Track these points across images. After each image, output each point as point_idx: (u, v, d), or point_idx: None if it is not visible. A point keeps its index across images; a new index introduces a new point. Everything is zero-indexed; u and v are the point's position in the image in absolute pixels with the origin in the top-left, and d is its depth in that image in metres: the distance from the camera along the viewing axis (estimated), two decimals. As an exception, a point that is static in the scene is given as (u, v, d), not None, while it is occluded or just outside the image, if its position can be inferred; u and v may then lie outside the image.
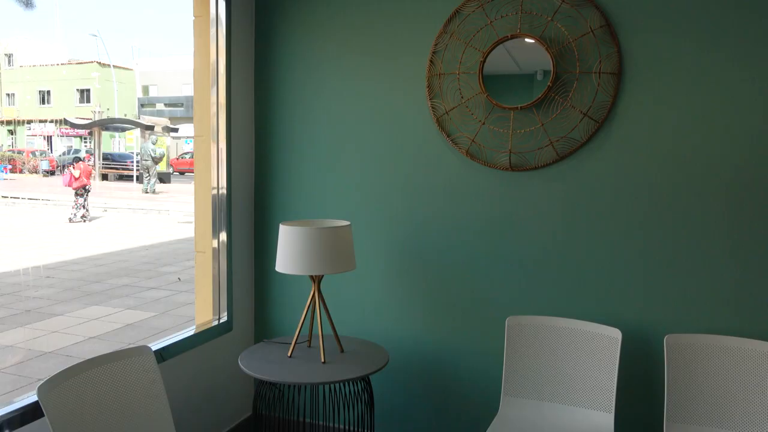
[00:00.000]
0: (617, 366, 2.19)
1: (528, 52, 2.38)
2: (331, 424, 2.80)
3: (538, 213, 2.44)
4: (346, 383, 2.51)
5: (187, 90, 27.88)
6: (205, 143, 2.67)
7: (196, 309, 2.76)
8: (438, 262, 2.59)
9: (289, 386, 2.62)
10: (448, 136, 2.52)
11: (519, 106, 2.39)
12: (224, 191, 2.68)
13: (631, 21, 2.26)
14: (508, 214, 2.48)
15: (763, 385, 2.04)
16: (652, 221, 2.29)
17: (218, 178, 2.67)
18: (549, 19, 2.34)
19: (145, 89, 31.04)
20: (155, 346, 2.31)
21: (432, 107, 2.53)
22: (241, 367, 2.25)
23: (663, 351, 2.22)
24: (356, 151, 2.69)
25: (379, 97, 2.63)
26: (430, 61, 2.52)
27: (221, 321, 2.71)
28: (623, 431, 2.37)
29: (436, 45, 2.50)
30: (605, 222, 2.35)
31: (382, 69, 2.62)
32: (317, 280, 2.35)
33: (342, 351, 2.41)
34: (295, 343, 2.37)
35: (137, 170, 19.88)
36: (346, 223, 2.35)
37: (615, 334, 2.22)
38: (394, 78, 2.60)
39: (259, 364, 2.25)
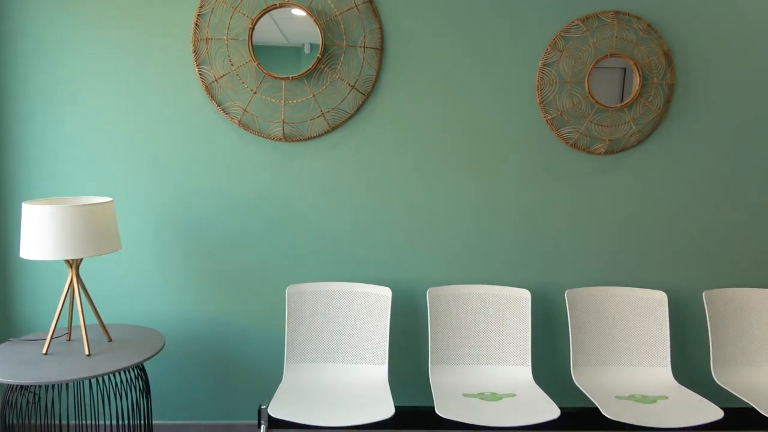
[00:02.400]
0: (389, 321, 2.37)
1: (297, 25, 2.39)
2: (102, 421, 2.56)
3: (313, 183, 2.49)
4: (117, 374, 2.30)
5: None
6: None
7: None
8: (214, 236, 2.50)
9: (47, 387, 2.32)
10: (218, 105, 2.42)
11: (291, 76, 2.39)
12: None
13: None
14: (284, 185, 2.49)
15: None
16: (420, 184, 2.51)
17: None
18: (316, -10, 2.38)
19: None
20: None
21: (200, 74, 2.40)
22: (-19, 373, 1.92)
23: (426, 302, 2.47)
24: (116, 122, 2.43)
25: (140, 59, 2.41)
26: (196, 24, 2.37)
27: (-51, 323, 2.27)
28: (393, 378, 2.60)
29: (201, 7, 2.37)
30: (377, 188, 2.50)
31: (141, 29, 2.39)
32: (74, 264, 2.09)
33: (110, 340, 2.20)
34: (51, 338, 2.09)
35: None
36: (107, 199, 2.12)
37: (386, 293, 2.40)
38: (155, 40, 2.39)
39: (6, 367, 1.95)
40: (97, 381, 2.21)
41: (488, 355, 2.40)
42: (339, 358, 2.40)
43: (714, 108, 2.52)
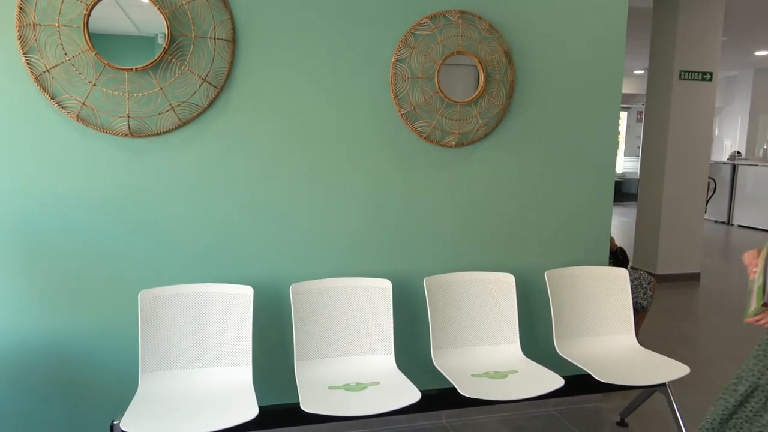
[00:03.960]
0: (251, 320, 2.32)
1: (145, 13, 2.25)
2: None
3: (166, 181, 2.37)
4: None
5: None
6: None
7: None
8: (55, 243, 2.28)
9: None
10: (52, 98, 2.21)
11: (134, 67, 2.24)
12: None
13: (241, -10, 2.35)
14: (133, 184, 2.33)
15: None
16: (279, 180, 2.47)
17: None
18: (159, -23, 2.25)
19: None
20: None
21: (28, 63, 2.17)
22: None
23: (289, 299, 2.45)
24: None
25: (-50, 47, 2.12)
26: (20, 8, 2.14)
27: None
28: (262, 379, 2.56)
29: (25, -10, 2.14)
30: (233, 185, 2.43)
31: (-48, 12, 2.11)
32: None
33: (-75, 365, 1.93)
34: None
35: None
36: None
37: (247, 291, 2.34)
38: (-29, 25, 2.13)
39: None
40: None
41: (353, 346, 2.44)
42: (199, 363, 2.30)
43: (550, 103, 2.75)
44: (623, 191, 11.40)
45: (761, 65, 10.57)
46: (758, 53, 9.18)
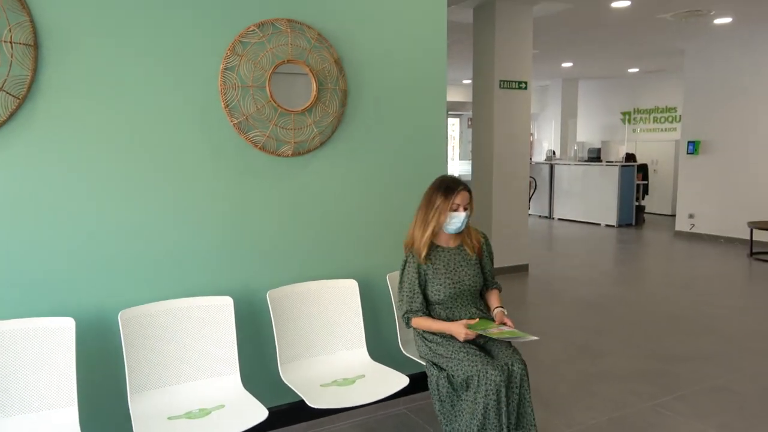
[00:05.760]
0: (74, 356, 2.08)
1: None
2: None
3: (-45, 205, 2.04)
4: None
5: None
6: None
7: None
8: None
9: None
10: None
11: None
12: None
13: (40, -10, 2.11)
14: None
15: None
16: (103, 194, 2.25)
17: None
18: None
19: None
20: None
21: None
22: None
23: (119, 328, 2.24)
24: None
25: None
26: None
27: None
28: (92, 418, 2.31)
29: None
30: (43, 201, 2.17)
31: None
32: None
33: None
34: None
35: None
36: None
37: (68, 324, 2.10)
38: None
39: None
40: None
41: (194, 370, 2.29)
42: (9, 410, 2.01)
43: (382, 111, 2.84)
44: (460, 192, 12.25)
45: (567, 75, 11.93)
46: (564, 65, 10.35)
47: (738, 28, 7.10)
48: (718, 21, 6.70)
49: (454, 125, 14.24)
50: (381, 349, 2.90)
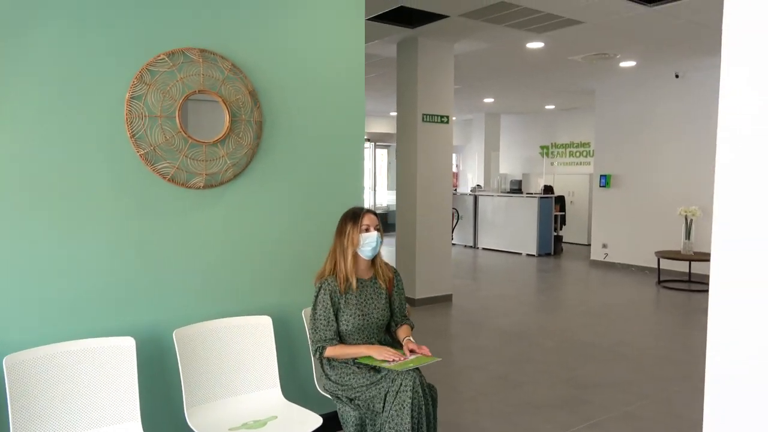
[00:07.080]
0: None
1: None
2: None
3: None
4: None
5: None
6: None
7: None
8: None
9: None
10: None
11: None
12: None
13: None
14: None
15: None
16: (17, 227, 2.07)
17: None
18: None
19: None
20: None
21: None
22: None
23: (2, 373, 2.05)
24: None
25: None
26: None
27: None
28: (-31, 477, 2.08)
29: None
30: None
31: None
32: None
33: None
34: None
35: None
36: None
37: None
38: None
39: None
40: None
41: (85, 419, 2.12)
42: None
43: (298, 143, 2.81)
44: (389, 222, 12.26)
45: (489, 110, 12.39)
46: (486, 100, 10.74)
47: (642, 70, 7.63)
48: (623, 64, 7.18)
49: (382, 156, 14.39)
50: (296, 387, 2.81)
